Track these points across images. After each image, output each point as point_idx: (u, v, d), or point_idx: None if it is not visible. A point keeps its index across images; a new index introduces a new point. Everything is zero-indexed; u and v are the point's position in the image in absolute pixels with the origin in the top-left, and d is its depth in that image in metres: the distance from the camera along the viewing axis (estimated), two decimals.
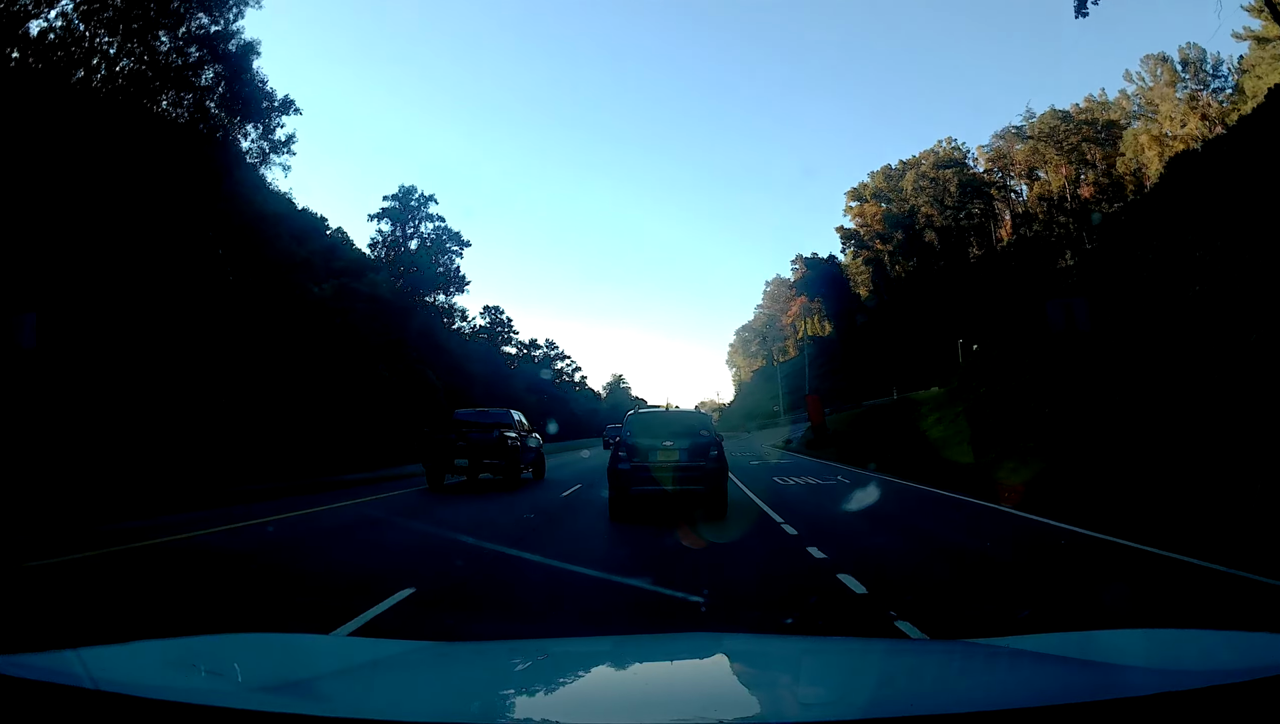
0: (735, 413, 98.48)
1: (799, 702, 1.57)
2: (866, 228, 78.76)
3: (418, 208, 51.78)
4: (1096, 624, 2.39)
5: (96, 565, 6.59)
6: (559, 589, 5.59)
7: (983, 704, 1.25)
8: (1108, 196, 69.37)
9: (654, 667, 1.94)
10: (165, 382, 19.77)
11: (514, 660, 1.95)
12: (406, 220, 51.73)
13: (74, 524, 9.28)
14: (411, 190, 52.33)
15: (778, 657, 2.07)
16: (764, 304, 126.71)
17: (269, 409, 24.81)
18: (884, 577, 5.75)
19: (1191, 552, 6.21)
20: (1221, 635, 1.76)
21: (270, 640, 2.08)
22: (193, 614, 4.75)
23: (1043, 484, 11.56)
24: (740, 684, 1.81)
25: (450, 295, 63.79)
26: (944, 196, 70.64)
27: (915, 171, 73.36)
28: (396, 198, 52.35)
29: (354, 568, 6.57)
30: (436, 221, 51.97)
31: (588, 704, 1.57)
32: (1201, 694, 1.13)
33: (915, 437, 22.76)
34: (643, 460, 9.60)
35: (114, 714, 1.07)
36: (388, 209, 51.94)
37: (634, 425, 10.22)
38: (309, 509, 11.51)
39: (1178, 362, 12.57)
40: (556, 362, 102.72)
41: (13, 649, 1.30)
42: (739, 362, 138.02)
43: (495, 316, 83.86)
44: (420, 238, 51.76)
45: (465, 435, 15.16)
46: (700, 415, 11.51)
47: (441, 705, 1.47)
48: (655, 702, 1.55)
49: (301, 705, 1.28)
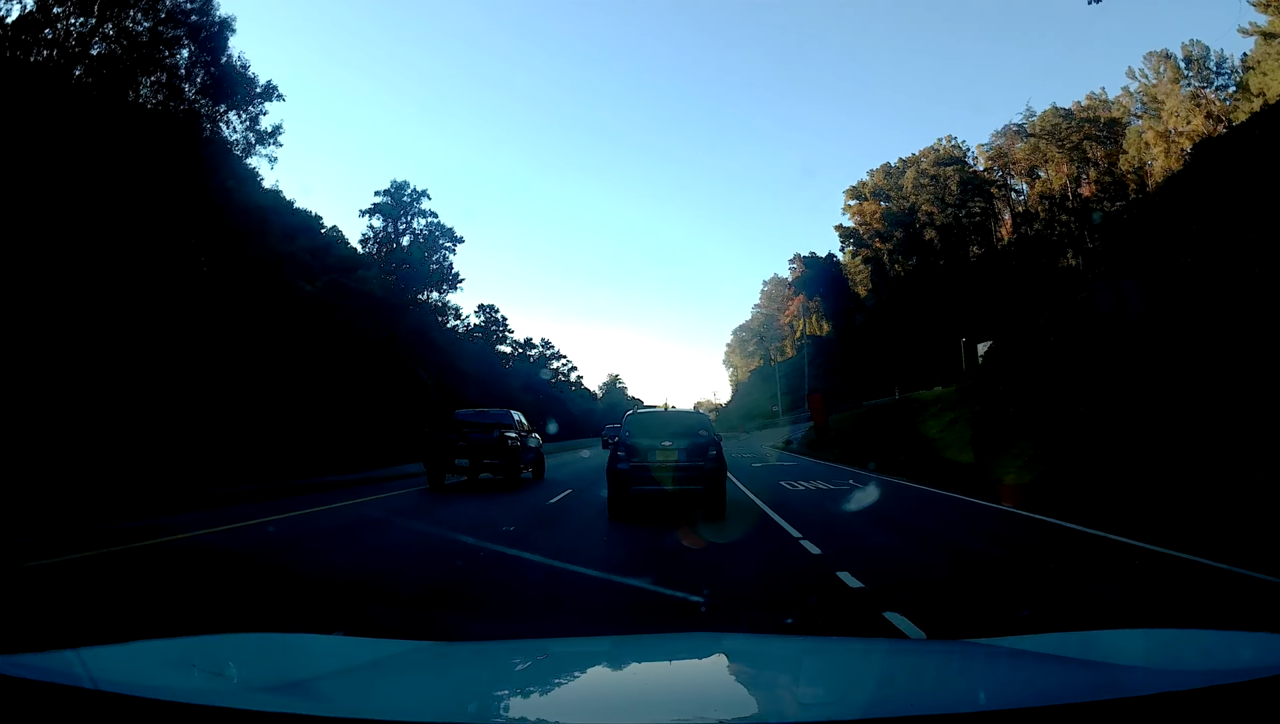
0: (733, 413, 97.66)
1: (799, 702, 1.57)
2: (866, 226, 78.02)
3: (410, 203, 50.87)
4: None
5: (98, 565, 6.47)
6: (559, 589, 5.59)
7: (983, 704, 1.26)
8: (1109, 195, 68.79)
9: (654, 667, 1.94)
10: (148, 380, 19.12)
11: (514, 660, 1.95)
12: (399, 216, 50.81)
13: (73, 524, 9.17)
14: (404, 185, 51.42)
15: (778, 657, 2.07)
16: (761, 304, 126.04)
17: (256, 408, 24.15)
18: (941, 606, 4.81)
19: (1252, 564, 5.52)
20: (1221, 635, 1.76)
21: (270, 640, 2.07)
22: (193, 614, 4.69)
23: (1083, 493, 10.27)
24: (740, 684, 1.80)
25: (444, 293, 62.93)
26: (944, 194, 69.87)
27: (915, 170, 72.56)
28: (388, 193, 51.43)
29: (357, 568, 6.50)
30: (429, 217, 51.11)
31: (588, 704, 1.56)
32: (1201, 694, 1.13)
33: (922, 438, 21.99)
34: (642, 460, 9.61)
35: (114, 714, 1.07)
36: (379, 204, 50.99)
37: (633, 425, 10.21)
38: (307, 509, 11.18)
39: (1225, 350, 11.72)
40: (552, 361, 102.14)
41: (12, 649, 1.30)
42: (736, 361, 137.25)
43: (490, 315, 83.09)
44: (413, 234, 50.88)
45: (466, 436, 15.12)
46: (699, 415, 11.46)
47: (441, 705, 1.47)
48: (655, 702, 1.54)
49: (301, 705, 1.27)
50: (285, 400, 26.39)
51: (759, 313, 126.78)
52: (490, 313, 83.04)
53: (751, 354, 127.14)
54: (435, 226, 50.99)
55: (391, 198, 51.58)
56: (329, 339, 34.90)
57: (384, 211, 51.24)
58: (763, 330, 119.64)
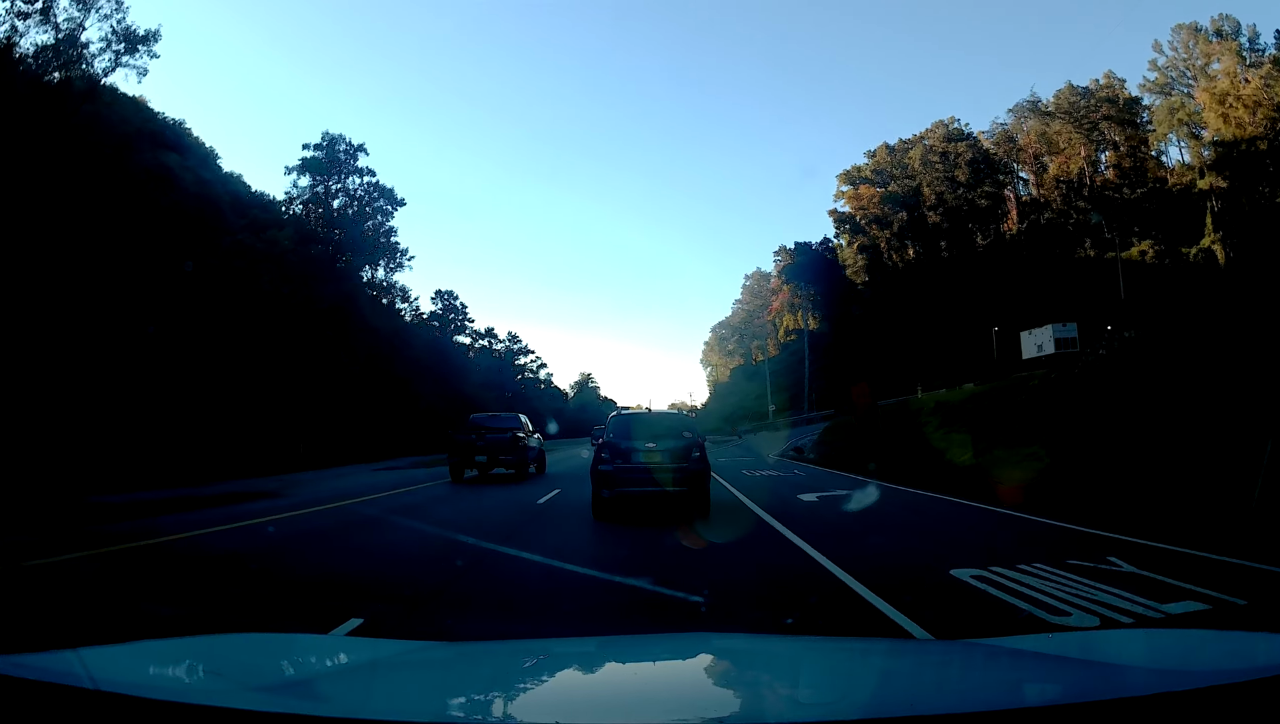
0: (712, 414, 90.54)
1: (799, 701, 1.57)
2: (863, 212, 71.56)
3: (345, 160, 43.02)
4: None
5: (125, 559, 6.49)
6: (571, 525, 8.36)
7: (983, 704, 1.24)
8: (1129, 181, 63.33)
9: (654, 666, 1.91)
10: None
11: (513, 660, 1.93)
12: (331, 174, 42.87)
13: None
14: (338, 139, 43.87)
15: (778, 656, 2.05)
16: (743, 299, 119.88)
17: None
18: None
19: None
20: (1221, 635, 1.75)
21: (270, 640, 2.07)
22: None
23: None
24: (740, 684, 1.75)
25: (389, 272, 55.29)
26: (954, 172, 63.52)
27: (922, 147, 66.16)
28: (320, 147, 43.71)
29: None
30: (367, 176, 43.24)
31: (588, 704, 1.54)
32: (1201, 694, 1.13)
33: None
34: (626, 462, 9.76)
35: (114, 714, 1.07)
36: (309, 160, 43.26)
37: (617, 427, 10.41)
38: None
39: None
40: (519, 356, 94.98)
41: (12, 649, 1.30)
42: (715, 360, 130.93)
43: (448, 302, 75.20)
44: (347, 195, 42.92)
45: (483, 436, 17.29)
46: (683, 417, 12.07)
47: (441, 705, 1.46)
48: (655, 701, 1.53)
49: (301, 705, 1.27)
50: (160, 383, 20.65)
51: (740, 308, 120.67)
52: (448, 300, 75.19)
53: (732, 352, 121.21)
54: (373, 186, 43.19)
55: (324, 153, 43.77)
56: (213, 304, 27.32)
57: (314, 169, 43.39)
58: (744, 326, 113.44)
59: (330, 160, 43.58)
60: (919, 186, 65.50)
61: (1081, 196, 63.19)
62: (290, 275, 34.60)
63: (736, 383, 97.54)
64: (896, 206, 66.89)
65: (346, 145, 43.54)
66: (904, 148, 68.52)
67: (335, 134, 44.23)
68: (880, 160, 69.71)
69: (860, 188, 72.85)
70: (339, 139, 43.81)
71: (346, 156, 43.15)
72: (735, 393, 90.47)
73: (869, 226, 71.12)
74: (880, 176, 70.42)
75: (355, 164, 43.71)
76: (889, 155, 68.83)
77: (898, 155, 68.41)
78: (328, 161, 43.49)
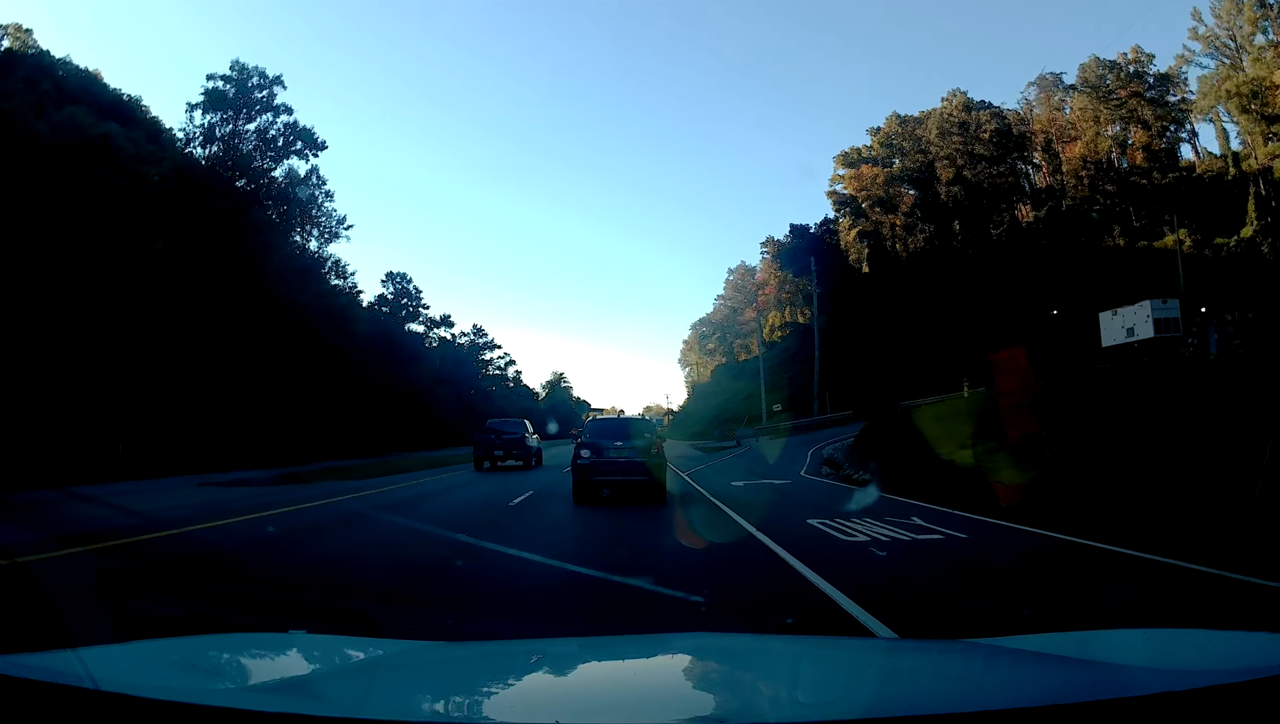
0: (693, 417, 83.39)
1: (799, 701, 1.56)
2: (865, 194, 64.78)
3: (257, 93, 34.81)
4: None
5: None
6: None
7: (983, 704, 1.24)
8: (1159, 165, 57.54)
9: (653, 666, 1.90)
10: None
11: (513, 660, 1.93)
12: (240, 110, 34.67)
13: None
14: (251, 70, 35.48)
15: (778, 656, 2.03)
16: (726, 294, 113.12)
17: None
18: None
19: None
20: (1221, 635, 1.74)
21: (270, 640, 2.04)
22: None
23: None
24: (740, 684, 1.73)
25: (322, 243, 47.18)
26: (974, 145, 56.86)
27: (939, 116, 59.45)
28: (228, 79, 35.44)
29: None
30: (284, 115, 35.17)
31: (587, 703, 1.53)
32: (1201, 694, 1.12)
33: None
34: (599, 456, 11.99)
35: (114, 714, 1.07)
36: (213, 92, 34.93)
37: (593, 429, 13.09)
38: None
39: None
40: (486, 351, 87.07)
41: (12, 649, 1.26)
42: (694, 359, 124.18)
43: (401, 286, 67.00)
44: (259, 135, 34.76)
45: (500, 437, 22.37)
46: (647, 422, 16.44)
47: (441, 705, 1.46)
48: (655, 701, 1.52)
49: (301, 705, 1.26)
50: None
51: (723, 305, 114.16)
52: (401, 283, 67.20)
53: (713, 351, 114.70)
54: (290, 127, 35.10)
55: (234, 85, 35.61)
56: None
57: (220, 103, 35.22)
58: (726, 323, 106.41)
59: (241, 94, 35.47)
60: (932, 162, 58.81)
61: (1109, 180, 57.16)
62: (166, 226, 26.49)
63: (720, 382, 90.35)
64: (908, 185, 60.17)
65: (260, 77, 35.51)
66: (918, 120, 61.74)
67: (251, 65, 36.14)
68: (890, 130, 62.91)
69: (862, 168, 66.26)
70: (251, 70, 35.76)
71: (259, 87, 35.07)
72: (719, 393, 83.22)
73: (872, 210, 64.45)
74: (888, 150, 63.63)
75: (272, 101, 35.63)
76: (900, 126, 62.02)
77: (910, 127, 61.65)
78: (238, 95, 35.36)
